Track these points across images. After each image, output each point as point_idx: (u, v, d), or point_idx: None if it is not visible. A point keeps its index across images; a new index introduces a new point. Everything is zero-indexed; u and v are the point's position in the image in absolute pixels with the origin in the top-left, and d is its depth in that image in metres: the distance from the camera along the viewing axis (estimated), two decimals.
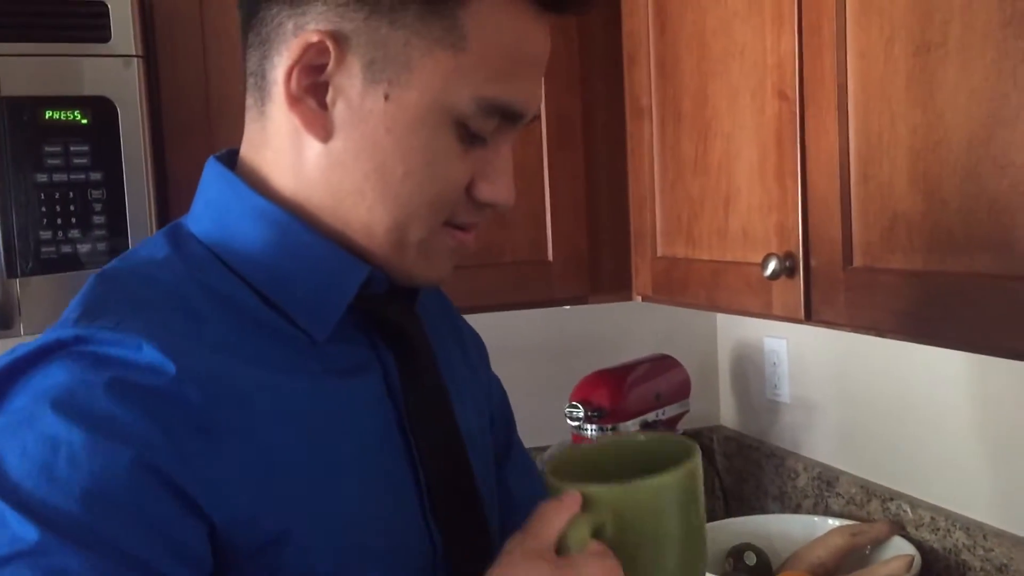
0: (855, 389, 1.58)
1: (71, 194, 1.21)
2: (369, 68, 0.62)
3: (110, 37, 1.21)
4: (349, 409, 0.64)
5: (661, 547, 0.62)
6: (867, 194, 0.97)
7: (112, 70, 1.21)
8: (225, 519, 0.57)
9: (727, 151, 1.22)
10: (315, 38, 0.61)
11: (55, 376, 0.56)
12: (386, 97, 0.62)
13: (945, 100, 0.86)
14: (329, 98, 0.63)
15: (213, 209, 0.67)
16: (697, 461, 0.64)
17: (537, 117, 0.70)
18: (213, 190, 0.68)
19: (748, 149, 1.17)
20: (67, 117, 1.20)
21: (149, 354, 0.57)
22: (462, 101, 0.62)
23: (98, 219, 1.22)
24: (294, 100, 0.63)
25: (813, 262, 1.05)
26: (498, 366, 0.95)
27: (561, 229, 1.48)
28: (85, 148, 1.21)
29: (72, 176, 1.21)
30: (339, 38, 0.62)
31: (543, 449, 1.65)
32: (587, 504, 0.60)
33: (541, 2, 0.64)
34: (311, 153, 0.65)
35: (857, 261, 0.99)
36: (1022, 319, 0.77)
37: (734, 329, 1.92)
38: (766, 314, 1.15)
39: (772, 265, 1.08)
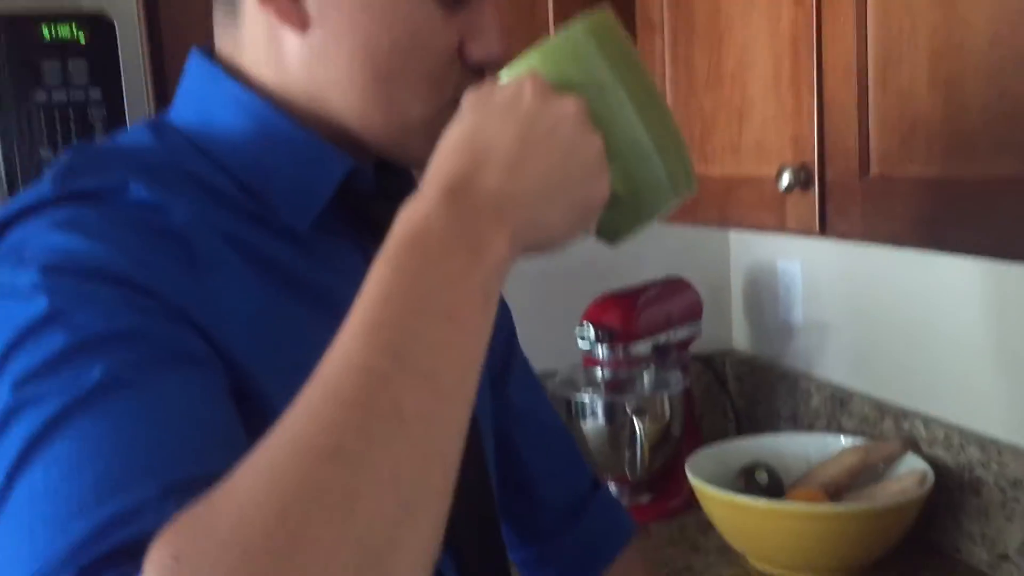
0: (868, 309, 1.56)
1: (71, 112, 1.19)
2: None
3: None
4: (336, 298, 0.63)
5: (606, 95, 0.58)
6: (886, 100, 0.94)
7: None
8: (212, 339, 0.56)
9: (741, 62, 1.19)
10: None
11: (50, 215, 0.55)
12: None
13: None
14: None
15: (194, 99, 0.66)
16: (606, 10, 0.61)
17: None
18: (194, 81, 0.67)
19: (763, 59, 1.14)
20: (65, 35, 1.18)
21: (136, 191, 0.57)
22: None
23: (99, 137, 1.20)
24: None
25: (828, 173, 1.03)
26: (508, 290, 0.93)
27: None
28: (84, 65, 1.19)
29: (72, 94, 1.19)
30: None
31: (553, 374, 1.64)
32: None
33: None
34: (291, 47, 0.63)
35: (874, 170, 0.97)
36: None
37: (747, 252, 1.90)
38: (780, 228, 1.13)
39: (787, 177, 1.05)
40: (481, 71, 0.65)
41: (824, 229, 1.05)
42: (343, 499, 0.41)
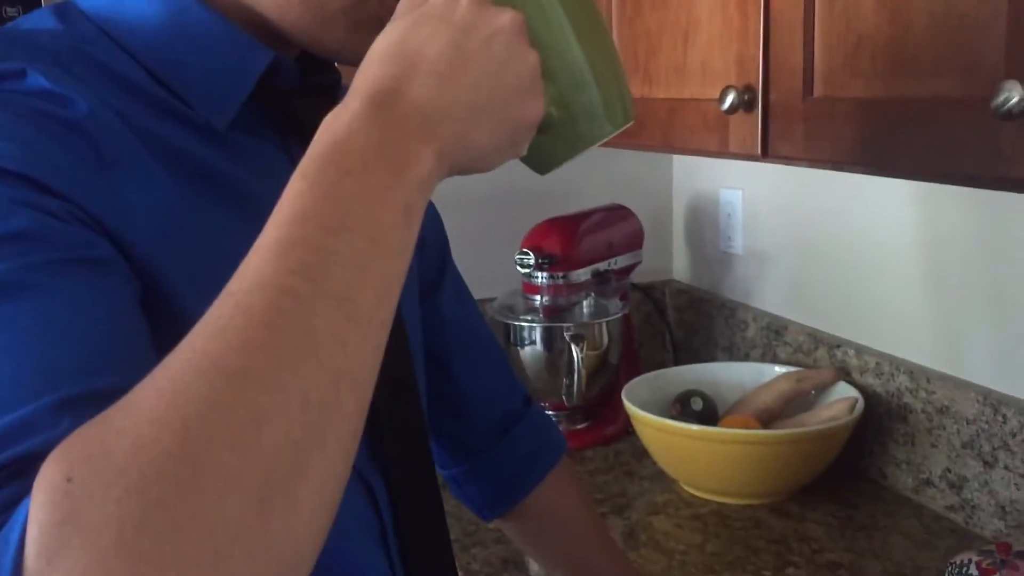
0: (806, 239, 1.57)
1: None
2: None
3: None
4: (253, 193, 0.60)
5: (546, 14, 0.56)
6: (832, 17, 0.92)
7: None
8: (121, 243, 0.52)
9: None
10: None
11: None
12: None
13: None
14: None
15: None
16: None
17: None
18: None
19: None
20: None
21: (34, 79, 0.52)
22: None
23: (11, 10, 1.13)
24: None
25: (772, 94, 1.01)
26: (447, 216, 0.91)
27: None
28: None
29: None
30: None
31: (493, 301, 1.63)
32: None
33: None
34: None
35: (817, 91, 0.95)
36: (983, 142, 0.74)
37: (690, 181, 1.89)
38: (722, 152, 1.11)
39: (730, 98, 1.04)
40: None
41: (767, 152, 1.03)
42: (249, 422, 0.38)
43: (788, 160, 1.01)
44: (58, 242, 0.48)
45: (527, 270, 1.54)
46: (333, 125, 0.48)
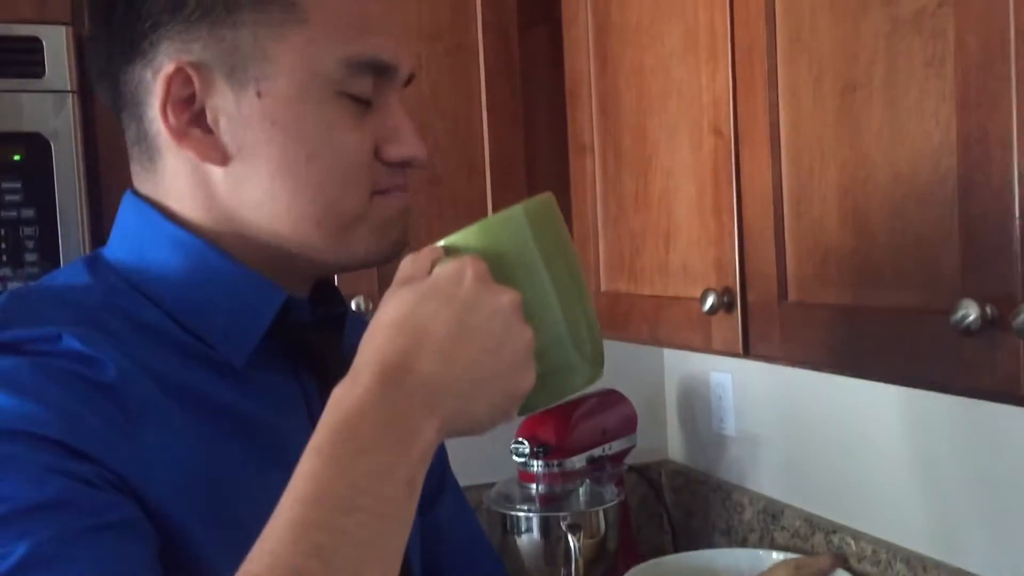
0: (799, 422, 1.59)
1: (2, 231, 1.18)
2: (232, 76, 0.63)
3: (44, 72, 1.19)
4: (271, 428, 0.63)
5: (533, 278, 0.61)
6: (800, 230, 0.99)
7: (46, 106, 1.19)
8: (146, 499, 0.55)
9: (667, 187, 1.23)
10: (171, 67, 0.62)
11: None
12: (259, 95, 0.63)
13: (871, 138, 0.88)
14: (210, 120, 0.63)
15: (129, 239, 0.67)
16: (547, 197, 0.64)
17: (414, 76, 0.71)
18: (129, 220, 0.68)
19: (687, 185, 1.18)
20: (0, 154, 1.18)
21: (68, 342, 0.57)
22: (327, 68, 0.63)
23: (30, 256, 1.20)
24: (180, 135, 0.63)
25: (750, 297, 1.06)
26: None
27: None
28: (17, 185, 1.19)
29: (3, 213, 1.19)
30: (195, 63, 0.62)
31: (489, 486, 1.64)
32: (448, 251, 0.61)
33: None
34: (216, 181, 0.64)
35: (792, 296, 1.00)
36: (945, 352, 0.78)
37: (681, 363, 1.93)
38: (706, 349, 1.16)
39: (710, 300, 1.09)
40: (403, 165, 0.68)
41: (748, 351, 1.08)
42: None
43: (769, 359, 1.05)
44: (88, 509, 0.51)
45: (522, 459, 1.55)
46: (345, 400, 0.52)
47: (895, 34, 0.84)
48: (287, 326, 0.66)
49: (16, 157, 1.19)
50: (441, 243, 0.61)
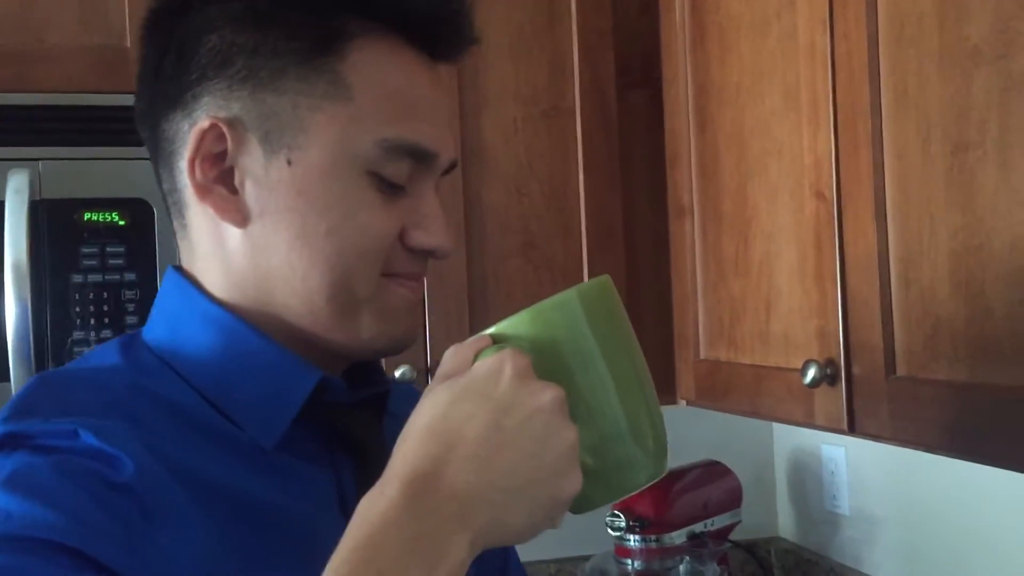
0: (919, 502, 1.48)
1: (105, 294, 1.22)
2: (266, 140, 0.62)
3: None
4: (297, 522, 0.60)
5: (589, 367, 0.56)
6: (908, 299, 0.92)
7: (149, 173, 1.23)
8: None
9: (767, 252, 1.18)
10: (206, 123, 0.61)
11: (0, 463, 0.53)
12: (289, 162, 0.61)
13: (985, 202, 0.81)
14: (237, 181, 0.62)
15: (166, 317, 0.66)
16: (604, 280, 0.60)
17: (455, 164, 0.68)
18: (166, 296, 0.67)
19: (788, 250, 1.13)
20: (105, 219, 1.22)
21: (87, 439, 0.55)
22: (363, 147, 0.61)
23: (131, 319, 1.22)
24: (203, 190, 0.62)
25: (855, 370, 0.99)
26: None
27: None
28: (121, 249, 1.23)
29: (107, 276, 1.22)
30: (231, 120, 0.61)
31: (585, 559, 1.58)
32: (496, 340, 0.56)
33: (417, 47, 0.65)
34: (234, 243, 0.63)
35: (900, 370, 0.93)
36: None
37: (791, 435, 1.84)
38: (809, 424, 1.09)
39: (812, 372, 1.02)
40: (424, 253, 0.65)
41: (853, 428, 1.00)
42: None
43: (876, 438, 0.98)
44: None
45: (618, 533, 1.49)
46: (369, 513, 0.48)
47: (1010, 90, 0.78)
48: (322, 407, 0.64)
49: (121, 222, 1.23)
50: (490, 331, 0.58)
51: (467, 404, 0.52)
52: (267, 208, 0.62)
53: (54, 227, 1.21)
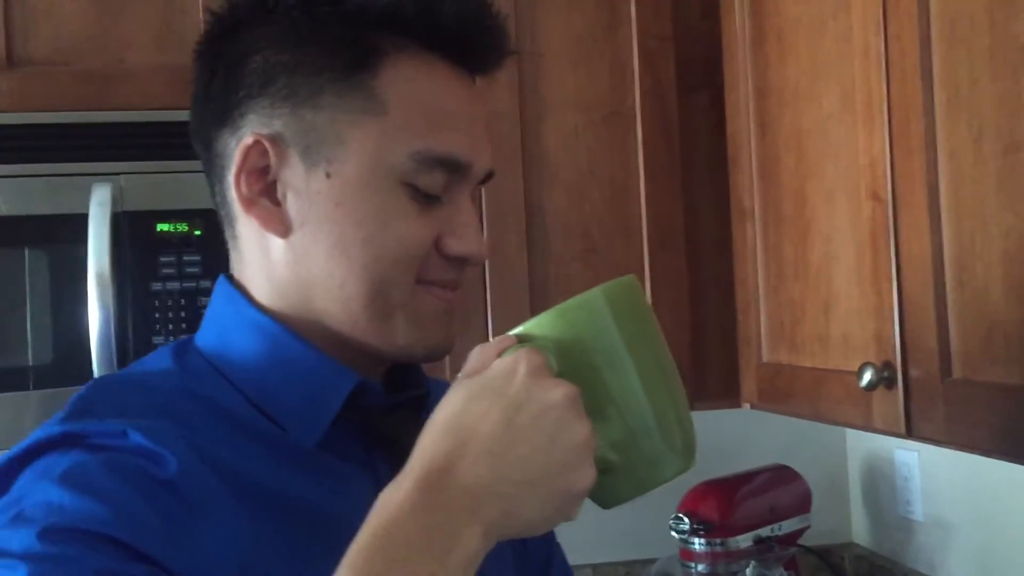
0: (992, 510, 1.44)
1: (183, 301, 1.28)
2: (306, 154, 0.65)
3: None
4: (335, 520, 0.63)
5: (615, 365, 0.58)
6: (963, 301, 0.90)
7: None
8: None
9: (826, 254, 1.17)
10: (250, 140, 0.64)
11: (54, 462, 0.57)
12: (328, 175, 0.64)
13: None
14: (280, 194, 0.65)
15: (216, 323, 0.70)
16: (629, 279, 0.61)
17: (492, 174, 0.70)
18: (217, 304, 0.71)
19: (845, 252, 1.12)
20: (180, 229, 1.28)
21: (135, 438, 0.58)
22: (398, 160, 0.64)
23: None
24: (248, 203, 0.66)
25: (912, 373, 0.98)
26: None
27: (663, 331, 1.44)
28: (197, 258, 1.29)
29: (184, 284, 1.28)
30: (274, 137, 0.65)
31: (650, 562, 1.59)
32: (522, 339, 0.58)
33: (451, 61, 0.67)
34: (277, 253, 0.66)
35: (956, 373, 0.92)
36: None
37: (864, 439, 1.81)
38: (867, 427, 1.08)
39: (868, 375, 1.01)
40: (460, 261, 0.67)
41: (911, 432, 0.99)
42: None
43: (933, 442, 0.97)
44: None
45: (682, 536, 1.49)
46: (386, 505, 0.51)
47: None
48: (361, 410, 0.67)
49: (196, 232, 1.28)
50: (516, 331, 0.59)
51: (482, 402, 0.54)
52: (307, 219, 0.65)
53: (135, 238, 1.27)
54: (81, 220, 1.23)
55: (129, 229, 1.27)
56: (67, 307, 1.25)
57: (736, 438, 1.79)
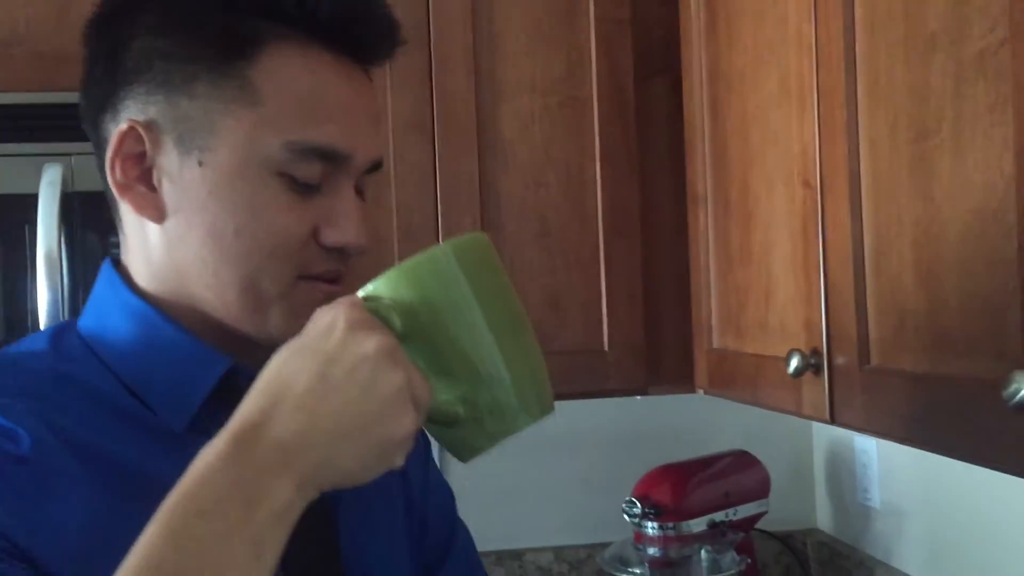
0: (945, 498, 1.45)
1: None
2: (180, 142, 0.65)
3: None
4: None
5: (463, 319, 0.59)
6: (879, 289, 0.91)
7: None
8: (49, 570, 0.57)
9: (765, 241, 1.17)
10: (125, 126, 0.65)
11: None
12: (200, 163, 0.65)
13: (942, 190, 0.80)
14: (155, 179, 0.66)
15: (95, 305, 0.71)
16: (479, 234, 0.62)
17: (379, 164, 0.71)
18: (99, 288, 0.72)
19: (782, 239, 1.12)
20: None
21: None
22: (272, 150, 0.65)
23: None
24: (122, 188, 0.67)
25: (836, 360, 0.99)
26: (562, 453, 0.90)
27: (617, 318, 1.45)
28: None
29: None
30: (149, 123, 0.66)
31: (604, 546, 1.60)
32: (368, 300, 0.59)
33: (336, 52, 0.67)
34: (153, 237, 0.67)
35: (874, 360, 0.92)
36: (995, 429, 0.69)
37: (828, 427, 1.81)
38: (798, 412, 1.08)
39: (795, 361, 1.02)
40: (340, 251, 0.68)
41: (834, 418, 1.00)
42: None
43: (855, 429, 0.97)
44: None
45: (634, 520, 1.50)
46: (199, 463, 0.52)
47: (961, 76, 0.76)
48: (235, 390, 0.67)
49: None
50: (362, 292, 0.60)
51: (299, 359, 0.56)
52: (181, 205, 0.66)
53: (86, 218, 1.28)
54: (32, 200, 1.25)
55: (80, 209, 1.28)
56: (17, 288, 1.27)
57: (703, 424, 1.80)
